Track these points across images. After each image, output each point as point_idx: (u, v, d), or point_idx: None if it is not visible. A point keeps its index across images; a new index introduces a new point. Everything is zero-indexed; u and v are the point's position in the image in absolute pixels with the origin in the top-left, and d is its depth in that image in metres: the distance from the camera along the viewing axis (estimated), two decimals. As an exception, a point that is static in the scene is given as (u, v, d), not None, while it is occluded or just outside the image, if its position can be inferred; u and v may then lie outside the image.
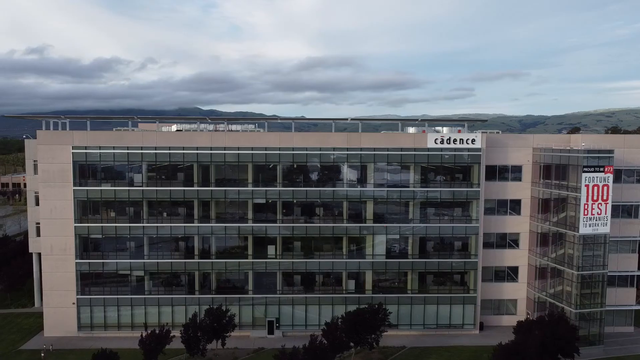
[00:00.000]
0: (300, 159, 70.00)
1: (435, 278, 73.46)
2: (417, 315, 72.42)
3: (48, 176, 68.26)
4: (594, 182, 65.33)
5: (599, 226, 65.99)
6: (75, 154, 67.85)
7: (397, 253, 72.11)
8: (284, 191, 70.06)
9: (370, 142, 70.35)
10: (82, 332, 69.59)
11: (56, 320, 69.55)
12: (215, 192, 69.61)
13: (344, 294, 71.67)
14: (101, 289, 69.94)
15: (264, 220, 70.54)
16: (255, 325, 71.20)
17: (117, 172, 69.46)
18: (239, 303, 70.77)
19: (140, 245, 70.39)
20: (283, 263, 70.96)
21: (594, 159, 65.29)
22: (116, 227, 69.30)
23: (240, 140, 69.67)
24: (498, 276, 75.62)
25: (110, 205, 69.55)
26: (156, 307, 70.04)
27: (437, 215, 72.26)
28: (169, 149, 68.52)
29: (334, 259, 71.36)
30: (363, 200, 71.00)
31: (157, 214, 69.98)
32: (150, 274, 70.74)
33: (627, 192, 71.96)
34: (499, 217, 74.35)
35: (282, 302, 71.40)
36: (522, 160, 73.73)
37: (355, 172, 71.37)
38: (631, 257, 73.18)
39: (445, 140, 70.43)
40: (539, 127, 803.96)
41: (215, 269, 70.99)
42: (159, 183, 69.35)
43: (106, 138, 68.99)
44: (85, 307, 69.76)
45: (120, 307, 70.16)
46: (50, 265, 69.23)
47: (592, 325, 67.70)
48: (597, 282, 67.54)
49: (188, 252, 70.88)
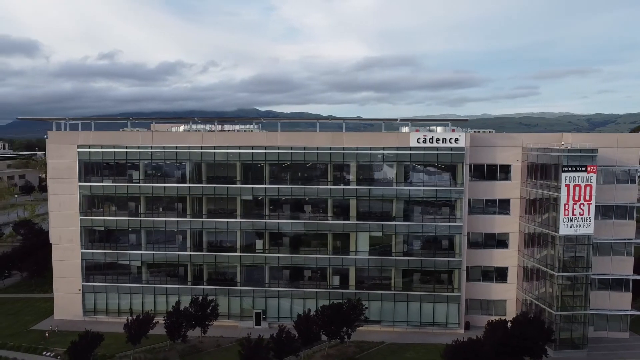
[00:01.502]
0: (285, 157, 72.78)
1: (422, 276, 74.08)
2: (401, 313, 73.37)
3: (57, 173, 74.83)
4: (575, 182, 64.04)
5: (581, 227, 64.57)
6: (80, 153, 73.96)
7: (380, 250, 73.35)
8: (270, 188, 73.14)
9: (353, 141, 72.05)
10: (86, 316, 75.65)
11: (64, 305, 76.06)
12: (205, 189, 73.71)
13: (328, 289, 73.77)
14: (103, 277, 75.80)
15: (251, 215, 73.86)
16: (243, 316, 74.73)
17: (118, 170, 74.93)
18: (228, 294, 74.56)
19: (139, 237, 75.60)
20: (270, 257, 74.03)
21: (574, 158, 64.00)
22: (116, 220, 74.87)
23: (229, 139, 73.39)
24: (487, 276, 75.20)
25: (111, 200, 75.23)
26: (152, 295, 75.00)
27: (422, 213, 72.94)
28: (163, 148, 73.29)
29: (318, 255, 73.65)
30: (347, 198, 72.85)
31: (153, 209, 74.96)
32: (148, 265, 75.85)
33: (620, 193, 69.75)
34: (487, 216, 73.98)
35: (269, 295, 74.50)
36: (511, 159, 73.02)
37: (340, 170, 73.24)
38: (626, 260, 70.76)
39: (428, 140, 71.01)
40: (609, 126, 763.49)
41: (207, 262, 75.12)
42: (155, 180, 74.26)
43: (107, 138, 74.68)
44: (89, 293, 75.84)
45: (120, 294, 75.72)
46: (59, 254, 75.83)
47: (575, 328, 66.30)
48: (580, 284, 66.08)
49: (181, 246, 75.38)
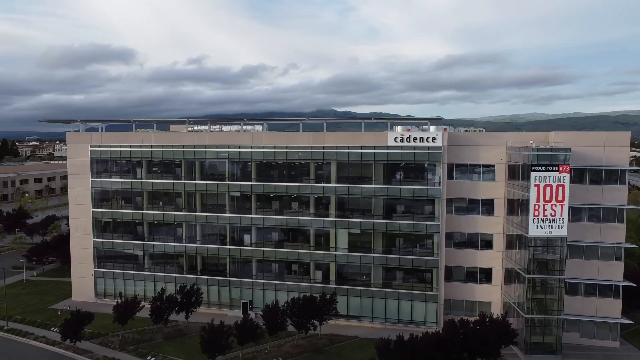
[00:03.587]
0: (269, 156, 76.40)
1: (401, 274, 74.67)
2: (379, 309, 74.38)
3: (74, 169, 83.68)
4: (545, 181, 62.16)
5: (553, 229, 62.51)
6: (92, 152, 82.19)
7: (360, 247, 74.81)
8: (255, 185, 77.09)
9: (333, 140, 74.17)
10: (97, 299, 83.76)
11: (80, 288, 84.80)
12: (198, 185, 79.11)
13: (310, 283, 76.42)
14: (111, 264, 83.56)
15: (242, 211, 78.17)
16: (232, 305, 79.30)
17: (124, 167, 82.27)
18: (218, 285, 79.49)
19: (142, 229, 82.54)
20: (255, 251, 78.02)
21: (545, 157, 62.12)
22: (122, 212, 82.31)
23: (219, 139, 78.22)
24: (471, 277, 74.25)
25: (118, 195, 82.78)
26: (152, 282, 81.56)
27: (401, 212, 73.58)
28: (161, 147, 79.63)
29: (300, 250, 76.49)
30: (327, 195, 75.10)
31: (154, 203, 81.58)
32: (150, 254, 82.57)
33: (608, 194, 66.50)
34: (470, 216, 73.16)
35: (255, 287, 78.50)
36: (494, 159, 71.78)
37: (322, 168, 75.60)
38: (615, 265, 67.18)
39: (405, 139, 71.59)
40: None
41: (200, 253, 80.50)
42: (155, 177, 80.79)
43: (115, 138, 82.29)
44: (100, 278, 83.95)
45: (126, 280, 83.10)
46: (76, 242, 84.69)
47: (547, 333, 64.20)
48: (553, 287, 63.88)
49: (179, 238, 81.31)
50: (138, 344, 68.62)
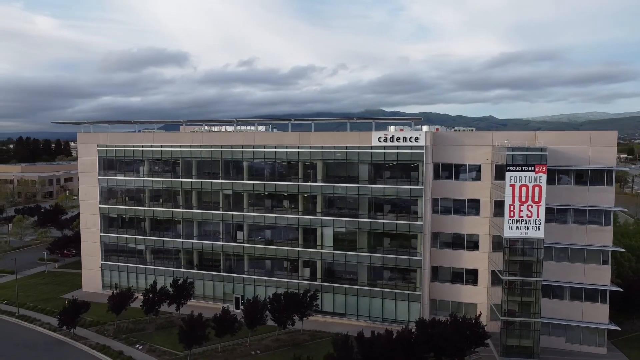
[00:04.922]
0: (259, 155, 78.58)
1: (386, 273, 74.98)
2: (364, 307, 74.99)
3: (84, 168, 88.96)
4: (521, 182, 61.13)
5: (529, 230, 61.35)
6: (99, 151, 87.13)
7: (346, 246, 75.65)
8: (247, 184, 79.48)
9: (320, 140, 75.44)
10: (104, 290, 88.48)
11: (89, 279, 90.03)
12: (194, 184, 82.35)
13: (298, 280, 78.01)
14: (117, 258, 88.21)
15: (235, 208, 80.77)
16: (225, 300, 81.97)
17: (129, 166, 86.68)
18: (212, 279, 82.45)
19: (144, 225, 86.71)
20: (246, 247, 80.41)
21: (520, 157, 61.07)
22: (126, 209, 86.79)
23: (213, 139, 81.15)
24: (457, 278, 73.65)
25: (124, 192, 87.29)
26: (153, 276, 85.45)
27: (386, 211, 73.93)
28: (160, 146, 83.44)
29: (289, 247, 78.24)
30: (314, 194, 76.45)
31: (155, 200, 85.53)
32: (151, 249, 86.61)
33: (595, 196, 64.53)
34: (456, 217, 72.61)
35: (247, 282, 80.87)
36: (480, 159, 70.98)
37: (309, 168, 76.99)
38: (601, 268, 65.02)
39: (389, 139, 71.96)
40: None
41: (196, 249, 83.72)
42: (156, 175, 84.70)
43: (120, 138, 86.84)
44: (106, 271, 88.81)
45: (129, 273, 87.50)
46: (86, 236, 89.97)
47: (524, 336, 63.00)
48: (529, 290, 62.61)
49: (177, 233, 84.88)
50: (130, 332, 72.41)
